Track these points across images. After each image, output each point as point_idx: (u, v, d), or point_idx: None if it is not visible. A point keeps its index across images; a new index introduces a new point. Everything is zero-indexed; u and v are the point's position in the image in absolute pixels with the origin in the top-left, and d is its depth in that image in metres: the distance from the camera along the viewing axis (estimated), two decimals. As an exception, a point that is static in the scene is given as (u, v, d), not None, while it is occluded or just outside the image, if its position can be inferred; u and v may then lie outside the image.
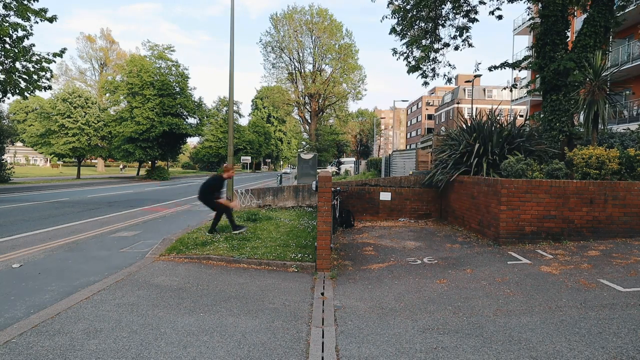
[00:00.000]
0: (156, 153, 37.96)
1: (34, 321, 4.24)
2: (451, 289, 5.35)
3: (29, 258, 7.17)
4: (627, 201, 7.54)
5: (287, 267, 6.57)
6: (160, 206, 15.73)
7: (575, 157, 8.13)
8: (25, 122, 48.46)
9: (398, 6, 13.21)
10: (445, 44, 13.77)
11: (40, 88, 18.50)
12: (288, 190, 13.89)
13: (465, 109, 53.99)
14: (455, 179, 9.91)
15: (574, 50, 10.86)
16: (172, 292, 5.25)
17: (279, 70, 54.42)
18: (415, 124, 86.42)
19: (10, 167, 29.98)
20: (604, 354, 3.50)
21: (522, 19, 28.02)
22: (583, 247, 7.06)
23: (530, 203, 7.47)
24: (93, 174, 49.04)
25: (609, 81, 9.04)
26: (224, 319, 4.43)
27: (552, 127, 10.91)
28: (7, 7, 16.66)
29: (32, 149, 43.21)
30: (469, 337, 3.93)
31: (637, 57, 18.85)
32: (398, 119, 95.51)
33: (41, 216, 12.20)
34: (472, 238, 8.42)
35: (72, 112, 36.16)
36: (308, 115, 58.19)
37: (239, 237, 8.25)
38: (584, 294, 4.95)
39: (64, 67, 59.17)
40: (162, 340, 3.86)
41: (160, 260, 6.88)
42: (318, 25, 50.97)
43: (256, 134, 75.68)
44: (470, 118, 10.82)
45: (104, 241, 8.78)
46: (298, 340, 3.93)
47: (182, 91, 38.30)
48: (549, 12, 10.90)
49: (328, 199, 6.61)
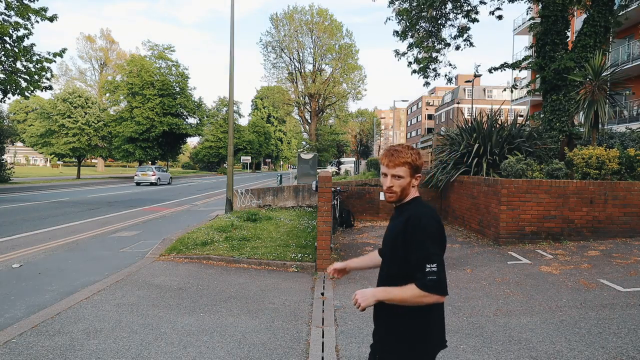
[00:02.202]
0: (156, 153, 37.99)
1: (34, 321, 4.24)
2: (451, 289, 5.35)
3: (29, 258, 7.17)
4: (627, 201, 7.54)
5: (287, 267, 6.57)
6: (160, 206, 15.74)
7: (575, 157, 8.13)
8: (26, 122, 48.48)
9: (401, 7, 13.22)
10: (447, 44, 13.78)
11: (41, 88, 18.48)
12: (288, 190, 13.89)
13: (466, 109, 53.97)
14: (456, 179, 9.91)
15: (574, 50, 10.86)
16: (172, 292, 5.25)
17: (279, 70, 54.40)
18: (415, 124, 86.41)
19: (11, 167, 29.98)
20: (604, 354, 3.50)
21: (522, 19, 28.02)
22: (583, 247, 7.06)
23: (530, 203, 7.47)
24: (93, 174, 49.04)
25: (609, 81, 9.03)
26: (224, 319, 4.42)
27: (552, 127, 10.91)
28: (9, 6, 16.66)
29: (32, 149, 43.23)
30: (469, 337, 3.93)
31: (637, 57, 18.85)
32: (398, 119, 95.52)
33: (41, 216, 12.20)
34: (472, 238, 8.42)
35: (72, 112, 36.18)
36: (308, 115, 58.16)
37: (239, 237, 8.25)
38: (584, 294, 4.95)
39: (64, 67, 59.20)
40: (162, 340, 3.86)
41: (160, 260, 6.88)
42: (318, 25, 50.93)
43: (256, 134, 75.65)
44: (471, 118, 10.82)
45: (104, 241, 8.78)
46: (298, 340, 3.93)
47: (182, 91, 38.36)
48: (549, 12, 10.90)
49: (328, 199, 6.61)
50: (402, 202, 1.84)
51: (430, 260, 1.61)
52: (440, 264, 1.62)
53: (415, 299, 1.63)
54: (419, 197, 1.85)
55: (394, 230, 1.79)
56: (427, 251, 1.63)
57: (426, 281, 1.60)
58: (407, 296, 1.65)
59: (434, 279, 1.60)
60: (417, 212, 1.73)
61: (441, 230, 1.71)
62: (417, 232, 1.67)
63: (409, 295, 1.64)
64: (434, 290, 1.60)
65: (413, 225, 1.69)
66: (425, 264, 1.61)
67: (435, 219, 1.72)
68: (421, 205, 1.79)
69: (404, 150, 1.81)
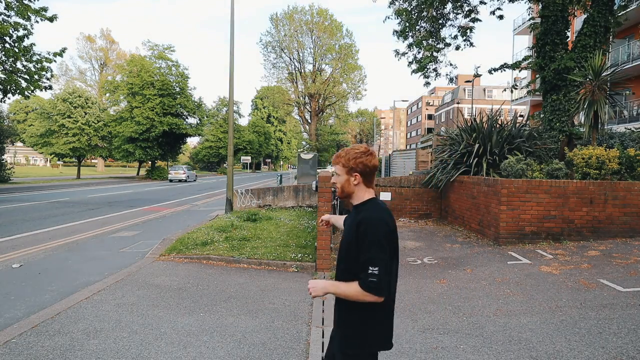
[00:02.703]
0: (156, 153, 37.95)
1: (34, 321, 4.24)
2: (451, 289, 5.35)
3: (29, 258, 7.17)
4: (627, 201, 7.54)
5: (287, 267, 6.57)
6: (160, 206, 15.74)
7: (576, 157, 8.13)
8: (25, 122, 48.39)
9: (401, 7, 13.22)
10: (447, 44, 13.78)
11: (41, 88, 18.48)
12: (288, 190, 13.89)
13: (466, 109, 53.95)
14: (456, 179, 9.91)
15: (574, 50, 10.86)
16: (172, 292, 5.25)
17: (279, 70, 54.45)
18: (415, 124, 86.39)
19: (11, 167, 29.96)
20: (604, 354, 3.50)
21: (522, 19, 28.00)
22: (583, 247, 7.06)
23: (530, 203, 7.47)
24: (93, 174, 49.04)
25: (609, 81, 9.03)
26: (224, 319, 4.43)
27: (553, 127, 10.91)
28: (9, 6, 16.66)
29: (32, 149, 43.16)
30: (469, 337, 3.93)
31: (637, 57, 18.85)
32: (398, 119, 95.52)
33: (41, 216, 12.20)
34: (472, 238, 8.42)
35: (72, 112, 36.14)
36: (308, 115, 58.18)
37: (239, 237, 8.25)
38: (584, 294, 4.95)
39: (64, 67, 59.19)
40: (162, 340, 3.86)
41: (160, 260, 6.89)
42: (318, 25, 50.96)
43: (256, 134, 75.61)
44: (471, 118, 10.82)
45: (104, 241, 8.78)
46: (298, 340, 3.93)
47: (182, 91, 38.30)
48: (549, 12, 10.91)
49: (328, 199, 6.61)
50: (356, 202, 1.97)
51: (373, 263, 1.75)
52: (382, 267, 1.75)
53: (357, 296, 1.78)
54: (374, 198, 1.96)
55: (349, 231, 1.91)
56: (371, 255, 1.76)
57: (367, 282, 1.75)
58: (350, 292, 1.80)
59: (374, 281, 1.74)
60: (368, 216, 1.85)
61: (389, 234, 1.83)
62: (366, 236, 1.79)
63: (352, 292, 1.79)
64: (373, 292, 1.75)
65: (363, 229, 1.81)
66: (369, 266, 1.75)
67: (385, 222, 1.83)
68: (374, 208, 1.90)
69: (344, 152, 1.97)
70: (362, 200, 1.95)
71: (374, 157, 1.94)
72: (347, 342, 1.91)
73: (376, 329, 1.89)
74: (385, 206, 1.95)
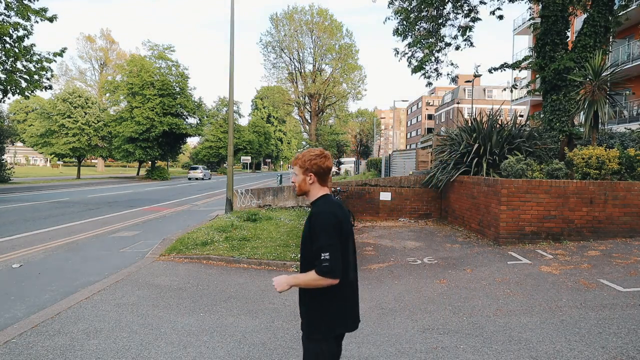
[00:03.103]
0: (156, 153, 37.94)
1: (34, 321, 4.24)
2: (451, 289, 5.35)
3: (28, 258, 7.17)
4: (627, 201, 7.54)
5: (287, 267, 6.57)
6: (160, 206, 15.74)
7: (576, 157, 8.13)
8: (25, 122, 48.41)
9: (400, 7, 13.21)
10: (447, 44, 13.77)
11: (41, 88, 18.47)
12: (288, 190, 13.89)
13: (466, 109, 53.94)
14: (456, 179, 9.91)
15: (574, 50, 10.86)
16: (172, 292, 5.25)
17: (279, 70, 54.39)
18: (415, 124, 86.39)
19: (11, 167, 29.97)
20: (604, 354, 3.50)
21: (522, 19, 28.00)
22: (583, 247, 7.06)
23: (530, 203, 7.47)
24: (93, 174, 49.05)
25: (609, 81, 9.03)
26: (224, 319, 4.43)
27: (553, 127, 10.91)
28: (9, 6, 16.66)
29: (32, 149, 43.15)
30: (469, 337, 3.93)
31: (637, 57, 18.85)
32: (398, 119, 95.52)
33: (41, 216, 12.20)
34: (472, 238, 8.42)
35: (72, 112, 36.15)
36: (308, 115, 58.15)
37: (239, 237, 8.25)
38: (584, 294, 4.95)
39: (64, 67, 59.20)
40: (162, 340, 3.86)
41: (160, 260, 6.88)
42: (318, 25, 50.92)
43: (256, 134, 75.61)
44: (471, 118, 10.82)
45: (104, 241, 8.78)
46: (298, 340, 3.93)
47: (182, 91, 38.28)
48: (549, 12, 10.91)
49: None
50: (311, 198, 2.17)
51: (324, 250, 1.94)
52: (332, 252, 1.93)
53: (315, 282, 1.96)
54: (327, 195, 2.16)
55: (305, 226, 2.11)
56: (321, 243, 1.96)
57: (321, 267, 1.93)
58: (308, 280, 1.98)
59: (327, 265, 1.92)
60: (319, 210, 2.06)
61: (337, 224, 2.01)
62: (317, 227, 2.00)
63: (310, 279, 1.97)
64: (327, 275, 1.93)
65: (314, 221, 2.03)
66: (321, 253, 1.94)
67: (333, 214, 2.03)
68: (325, 203, 2.10)
69: (302, 154, 2.17)
70: (317, 197, 2.15)
71: (327, 159, 2.14)
72: (311, 328, 2.08)
73: (337, 313, 2.06)
74: (337, 201, 2.17)
